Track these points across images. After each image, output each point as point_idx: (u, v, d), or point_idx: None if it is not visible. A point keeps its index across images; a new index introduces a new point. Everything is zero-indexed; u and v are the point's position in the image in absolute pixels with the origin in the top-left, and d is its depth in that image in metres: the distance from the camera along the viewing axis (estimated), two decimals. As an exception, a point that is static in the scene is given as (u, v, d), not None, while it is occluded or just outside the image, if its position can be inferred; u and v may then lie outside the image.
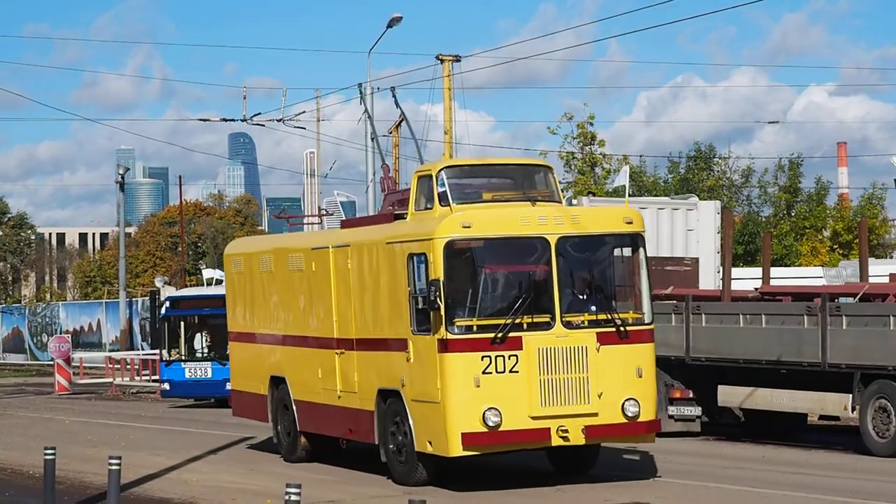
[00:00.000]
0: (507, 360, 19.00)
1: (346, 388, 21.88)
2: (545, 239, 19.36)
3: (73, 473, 22.99)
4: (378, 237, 21.00)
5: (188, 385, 40.27)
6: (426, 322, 19.38)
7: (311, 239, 24.31)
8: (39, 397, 47.16)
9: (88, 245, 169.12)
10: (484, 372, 18.94)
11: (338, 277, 22.00)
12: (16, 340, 78.74)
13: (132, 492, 20.70)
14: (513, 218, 19.55)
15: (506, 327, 19.03)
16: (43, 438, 27.69)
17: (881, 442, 23.10)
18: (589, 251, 19.99)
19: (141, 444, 28.10)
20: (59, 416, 37.37)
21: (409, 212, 20.90)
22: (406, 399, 19.99)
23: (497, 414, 18.89)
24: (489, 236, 19.34)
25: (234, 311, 26.35)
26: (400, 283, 20.05)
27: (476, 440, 18.99)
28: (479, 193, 20.55)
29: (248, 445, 27.06)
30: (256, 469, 23.21)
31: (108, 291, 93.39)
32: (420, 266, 19.49)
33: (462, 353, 19.00)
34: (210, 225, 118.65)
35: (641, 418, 19.56)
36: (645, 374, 19.68)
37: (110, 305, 70.09)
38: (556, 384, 19.11)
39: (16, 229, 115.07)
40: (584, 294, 19.85)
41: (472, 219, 19.24)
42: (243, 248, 27.08)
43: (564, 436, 19.14)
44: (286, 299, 23.96)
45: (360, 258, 21.34)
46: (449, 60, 58.14)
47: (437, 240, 19.13)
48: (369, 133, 47.51)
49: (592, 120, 61.04)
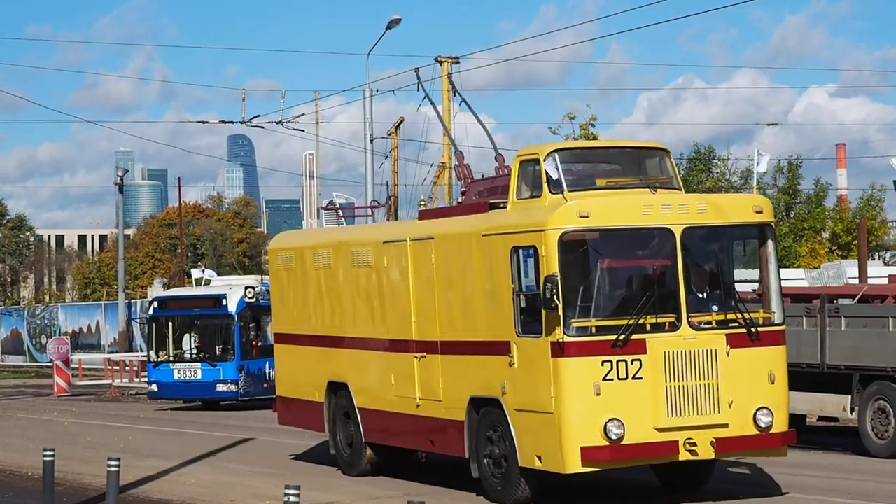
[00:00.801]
0: (630, 365, 16.83)
1: (428, 395, 19.62)
2: (669, 230, 17.20)
3: (72, 475, 22.59)
4: (471, 229, 18.72)
5: (177, 386, 39.01)
6: (535, 323, 17.20)
7: (382, 231, 21.89)
8: (38, 399, 46.35)
9: (87, 247, 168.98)
10: (604, 378, 16.74)
11: (417, 274, 19.76)
12: (15, 342, 78.44)
13: (131, 493, 20.31)
14: (634, 207, 17.34)
15: (628, 328, 16.83)
16: (42, 440, 27.32)
17: (880, 443, 22.72)
18: (716, 243, 17.87)
19: (140, 446, 27.63)
20: (58, 417, 36.68)
21: (510, 200, 18.45)
22: (507, 408, 17.74)
23: (620, 425, 16.69)
24: (609, 227, 17.11)
25: (280, 310, 24.02)
26: (500, 279, 17.84)
27: (596, 455, 16.75)
28: (593, 179, 18.21)
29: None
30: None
31: (107, 293, 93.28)
32: (527, 261, 17.35)
33: (580, 358, 16.76)
34: (209, 227, 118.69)
35: (774, 429, 17.37)
36: (777, 379, 17.52)
37: (109, 307, 69.84)
38: (683, 392, 16.95)
39: (15, 231, 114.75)
40: (710, 291, 17.71)
41: (589, 207, 16.99)
42: (294, 243, 24.55)
43: (692, 449, 17.00)
44: (349, 298, 21.67)
45: (448, 252, 19.12)
46: (448, 62, 58.35)
47: (551, 231, 16.89)
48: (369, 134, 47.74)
49: (594, 121, 61.04)
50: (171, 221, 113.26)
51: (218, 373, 38.46)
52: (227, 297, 38.59)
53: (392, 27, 48.25)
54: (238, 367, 38.17)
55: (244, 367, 38.29)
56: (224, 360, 38.55)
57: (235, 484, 21.39)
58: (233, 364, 38.24)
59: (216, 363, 38.57)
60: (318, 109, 65.85)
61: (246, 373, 38.32)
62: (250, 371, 38.47)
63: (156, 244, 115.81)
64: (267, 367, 38.47)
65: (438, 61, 57.23)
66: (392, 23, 48.05)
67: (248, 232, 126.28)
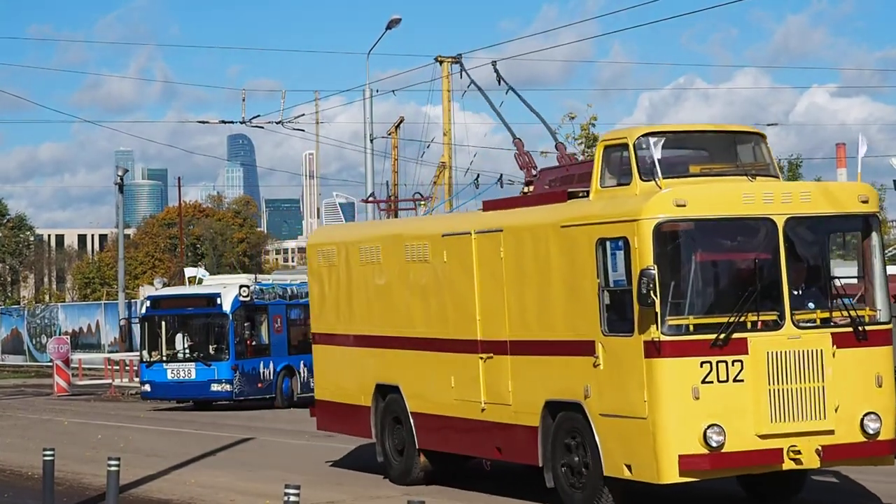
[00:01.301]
0: (731, 366, 15.44)
1: (495, 399, 18.18)
2: (772, 220, 15.81)
3: (72, 475, 22.44)
4: (548, 220, 17.22)
5: (170, 386, 38.28)
6: (623, 320, 15.82)
7: (440, 224, 20.23)
8: (38, 398, 45.86)
9: (87, 246, 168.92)
10: (703, 381, 15.36)
11: (483, 269, 18.32)
12: (15, 342, 78.33)
13: (131, 493, 20.15)
14: (734, 195, 15.91)
15: (729, 327, 15.43)
16: (42, 440, 27.19)
17: None
18: (820, 235, 16.45)
19: (140, 446, 27.38)
20: (58, 417, 36.31)
21: (593, 189, 16.95)
22: (591, 413, 16.31)
23: (720, 432, 15.29)
24: (708, 217, 15.69)
25: (320, 309, 22.48)
26: (582, 274, 16.40)
27: (695, 464, 15.34)
28: (686, 165, 16.77)
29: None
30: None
31: (107, 293, 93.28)
32: (616, 253, 15.96)
33: (678, 359, 15.36)
34: (209, 227, 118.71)
35: (882, 436, 15.95)
36: (885, 382, 16.11)
37: (109, 307, 69.79)
38: (786, 396, 15.57)
39: (15, 231, 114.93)
40: (813, 287, 16.33)
41: (686, 196, 15.59)
42: (336, 237, 22.83)
43: (797, 458, 15.61)
44: (402, 295, 20.23)
45: (519, 245, 17.67)
46: (448, 62, 58.37)
47: (645, 221, 15.47)
48: (369, 134, 47.72)
49: (595, 121, 60.96)
50: (171, 221, 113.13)
51: (212, 372, 37.75)
52: (221, 295, 37.88)
53: (392, 27, 48.17)
54: (233, 366, 37.47)
55: (239, 367, 37.56)
56: (218, 359, 37.81)
57: (235, 483, 21.30)
58: (227, 364, 37.53)
59: (210, 363, 37.82)
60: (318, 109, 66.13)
61: (240, 372, 37.59)
62: (244, 371, 37.74)
63: (156, 244, 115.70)
64: (261, 367, 38.23)
65: (439, 61, 57.46)
66: (392, 23, 47.98)
67: (248, 232, 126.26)
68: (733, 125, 18.03)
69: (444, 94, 58.99)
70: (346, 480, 21.22)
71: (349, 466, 22.83)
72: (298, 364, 39.53)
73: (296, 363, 39.48)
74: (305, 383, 39.80)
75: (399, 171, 67.59)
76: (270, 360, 38.78)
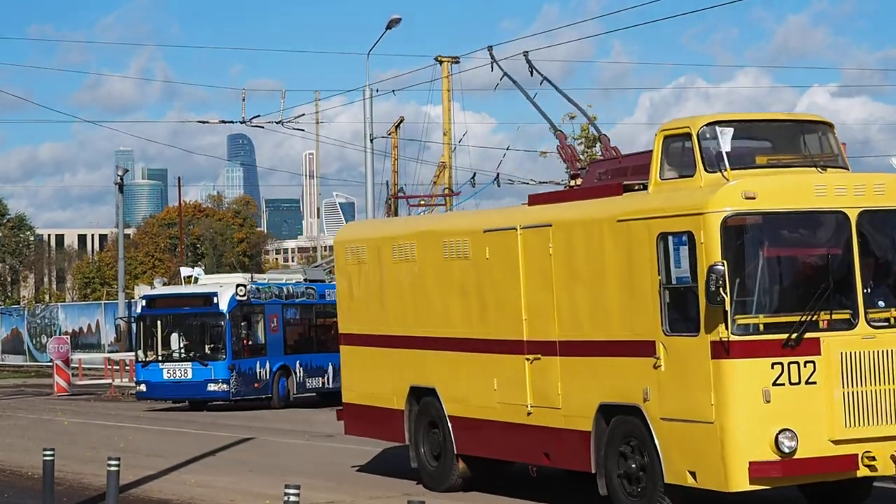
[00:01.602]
0: (803, 368, 14.65)
1: (542, 402, 17.31)
2: (845, 214, 15.01)
3: (72, 475, 22.33)
4: (602, 214, 16.36)
5: (166, 386, 37.89)
6: (687, 320, 15.00)
7: (481, 219, 19.28)
8: (38, 398, 45.61)
9: (87, 246, 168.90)
10: (774, 383, 14.56)
11: (530, 265, 17.45)
12: (15, 342, 78.34)
13: (131, 493, 20.06)
14: (806, 187, 15.08)
15: (801, 326, 14.61)
16: (42, 439, 27.03)
17: None
18: (892, 229, 15.55)
19: (140, 446, 27.25)
20: (58, 417, 36.13)
21: (651, 181, 16.06)
22: (650, 417, 15.46)
23: (792, 437, 14.49)
24: (778, 210, 14.87)
25: (348, 309, 21.59)
26: (641, 270, 15.58)
27: (766, 471, 14.50)
28: (752, 156, 15.92)
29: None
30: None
31: (107, 293, 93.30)
32: (679, 249, 15.15)
33: (748, 360, 14.55)
34: (209, 226, 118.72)
35: None
36: None
37: (109, 307, 69.95)
38: (861, 399, 14.75)
39: (15, 230, 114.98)
40: (885, 284, 15.45)
41: (756, 188, 14.76)
42: (366, 234, 21.94)
43: (871, 464, 14.77)
44: (439, 294, 19.34)
45: (570, 241, 16.78)
46: (448, 62, 58.39)
47: (712, 214, 14.65)
48: (369, 134, 47.71)
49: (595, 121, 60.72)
50: (171, 221, 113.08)
51: (209, 372, 37.46)
52: (218, 295, 37.54)
53: (392, 27, 48.11)
54: (230, 366, 37.20)
55: (236, 367, 37.28)
56: (215, 359, 37.52)
57: (235, 483, 21.30)
58: (224, 363, 37.28)
59: (207, 362, 37.49)
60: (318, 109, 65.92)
61: (237, 372, 37.31)
62: (241, 371, 37.46)
63: (156, 244, 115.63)
64: (258, 367, 37.98)
65: (439, 61, 57.47)
66: (392, 22, 47.92)
67: (248, 232, 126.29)
68: (800, 114, 17.27)
69: (444, 94, 58.96)
70: (346, 480, 21.17)
71: (350, 467, 22.83)
72: (294, 364, 39.45)
73: (291, 363, 39.37)
74: (301, 383, 39.77)
75: (399, 171, 67.58)
76: (266, 359, 38.56)
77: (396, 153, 66.32)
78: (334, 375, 40.48)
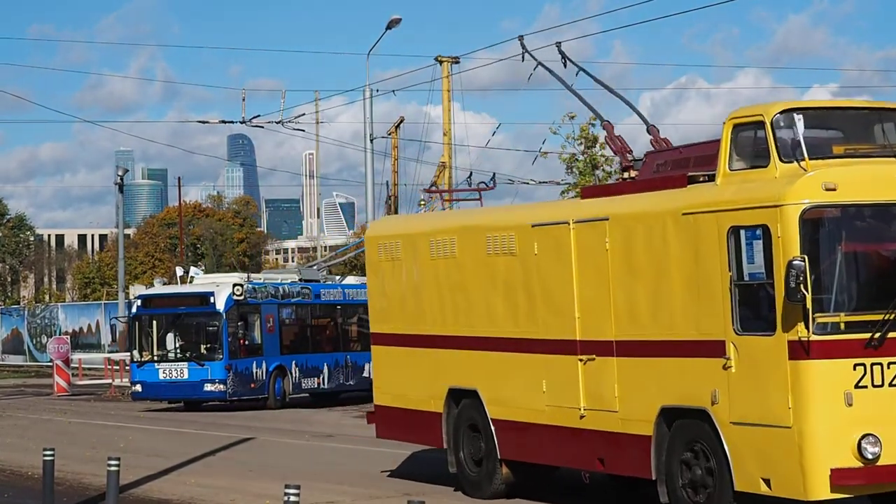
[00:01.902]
0: (887, 369, 13.79)
1: (597, 405, 16.41)
2: None
3: (72, 475, 22.27)
4: (665, 207, 15.47)
5: (162, 387, 37.53)
6: (760, 318, 14.16)
7: (528, 213, 18.36)
8: (38, 398, 45.37)
9: (87, 246, 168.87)
10: (857, 386, 13.69)
11: (584, 261, 16.58)
12: (15, 342, 78.26)
13: (131, 493, 20.01)
14: (888, 178, 14.23)
15: (884, 325, 13.74)
16: (42, 439, 26.85)
17: None
18: None
19: (140, 446, 27.16)
20: (58, 417, 36.06)
21: (720, 172, 15.08)
22: (719, 421, 14.59)
23: (876, 443, 13.64)
24: (860, 202, 14.06)
25: (381, 307, 20.71)
26: (710, 266, 14.69)
27: (848, 478, 13.64)
28: (829, 146, 14.96)
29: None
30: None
31: (107, 293, 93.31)
32: (752, 243, 14.30)
33: (829, 361, 13.69)
34: (209, 226, 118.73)
35: None
36: None
37: (109, 307, 69.87)
38: None
39: (15, 230, 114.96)
40: None
41: (836, 179, 13.89)
42: (401, 229, 20.95)
43: None
44: (481, 291, 18.44)
45: (629, 235, 15.91)
46: (448, 62, 58.35)
47: (790, 206, 13.78)
48: (369, 134, 47.72)
49: (594, 121, 60.77)
50: (171, 221, 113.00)
51: (206, 372, 37.10)
52: (215, 294, 37.15)
53: (392, 27, 48.07)
54: (226, 366, 36.82)
55: (232, 367, 36.90)
56: (212, 359, 37.15)
57: (235, 483, 21.23)
58: (221, 363, 36.91)
59: (204, 362, 37.12)
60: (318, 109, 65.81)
61: (234, 372, 36.93)
62: (238, 371, 37.09)
63: (156, 244, 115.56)
64: (254, 367, 37.59)
65: (438, 61, 57.45)
66: (392, 22, 47.86)
67: (248, 232, 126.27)
68: (877, 101, 16.26)
69: (444, 94, 58.92)
70: (346, 480, 21.17)
71: (350, 467, 22.84)
72: (290, 364, 39.21)
73: (287, 363, 39.13)
74: (297, 384, 39.57)
75: (399, 171, 67.55)
76: (263, 359, 38.20)
77: (396, 153, 66.22)
78: (329, 376, 40.51)
